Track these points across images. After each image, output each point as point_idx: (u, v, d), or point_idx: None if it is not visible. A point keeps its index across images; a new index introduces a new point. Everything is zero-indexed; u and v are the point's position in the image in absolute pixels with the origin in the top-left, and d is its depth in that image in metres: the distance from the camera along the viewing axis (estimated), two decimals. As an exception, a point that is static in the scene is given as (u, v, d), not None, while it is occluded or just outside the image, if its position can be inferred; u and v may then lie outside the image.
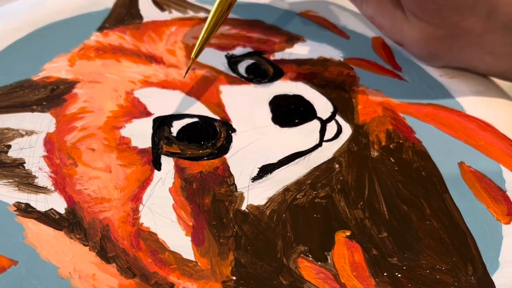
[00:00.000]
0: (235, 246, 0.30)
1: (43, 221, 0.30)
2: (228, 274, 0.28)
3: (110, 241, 0.29)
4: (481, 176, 0.35)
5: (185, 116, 0.36)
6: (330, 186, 0.33)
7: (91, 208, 0.31)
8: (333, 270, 0.29)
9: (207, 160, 0.34)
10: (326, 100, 0.39)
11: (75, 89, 0.38)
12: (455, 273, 0.30)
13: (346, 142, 0.36)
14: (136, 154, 0.34)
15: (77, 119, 0.35)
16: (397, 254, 0.30)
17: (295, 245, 0.30)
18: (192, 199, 0.32)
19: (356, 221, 0.32)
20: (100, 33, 0.43)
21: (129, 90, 0.38)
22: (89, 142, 0.34)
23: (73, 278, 0.27)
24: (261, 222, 0.31)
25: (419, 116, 0.39)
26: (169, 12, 0.46)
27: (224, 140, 0.35)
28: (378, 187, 0.33)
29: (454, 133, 0.38)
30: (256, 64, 0.42)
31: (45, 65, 0.39)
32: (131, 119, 0.36)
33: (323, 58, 0.43)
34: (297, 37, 0.45)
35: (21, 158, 0.33)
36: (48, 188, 0.31)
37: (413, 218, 0.32)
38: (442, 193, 0.34)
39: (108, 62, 0.40)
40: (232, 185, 0.33)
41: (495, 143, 0.37)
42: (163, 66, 0.40)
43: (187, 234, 0.30)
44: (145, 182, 0.32)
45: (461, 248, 0.31)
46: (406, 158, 0.35)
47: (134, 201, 0.31)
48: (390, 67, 0.43)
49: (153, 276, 0.28)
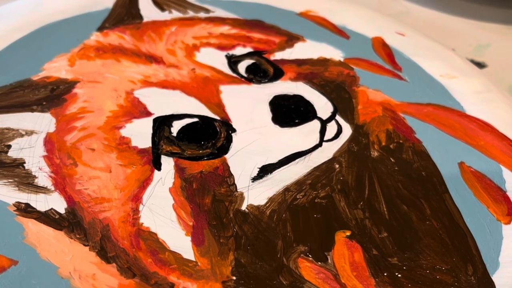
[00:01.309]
0: (235, 246, 0.30)
1: (43, 221, 0.30)
2: (228, 274, 0.28)
3: (110, 241, 0.29)
4: (481, 176, 0.35)
5: (185, 116, 0.36)
6: (330, 186, 0.33)
7: (91, 208, 0.31)
8: (333, 270, 0.29)
9: (207, 160, 0.34)
10: (326, 100, 0.39)
11: (75, 89, 0.38)
12: (455, 273, 0.30)
13: (346, 142, 0.36)
14: (136, 154, 0.34)
15: (77, 119, 0.35)
16: (397, 254, 0.30)
17: (295, 245, 0.30)
18: (192, 199, 0.32)
19: (356, 221, 0.32)
20: (100, 33, 0.43)
21: (129, 90, 0.38)
22: (89, 142, 0.34)
23: (73, 278, 0.27)
24: (261, 222, 0.31)
25: (419, 116, 0.39)
26: (169, 12, 0.46)
27: (224, 140, 0.35)
28: (378, 187, 0.33)
29: (454, 133, 0.38)
30: (256, 64, 0.42)
31: (45, 65, 0.39)
32: (131, 119, 0.36)
33: (323, 58, 0.43)
34: (297, 37, 0.45)
35: (21, 158, 0.33)
36: (48, 188, 0.31)
37: (413, 218, 0.32)
38: (442, 193, 0.34)
39: (108, 62, 0.40)
40: (232, 185, 0.33)
41: (495, 143, 0.37)
42: (163, 66, 0.40)
43: (187, 234, 0.30)
44: (145, 182, 0.32)
45: (461, 248, 0.31)
46: (406, 158, 0.35)
47: (134, 201, 0.31)
48: (390, 67, 0.43)
49: (153, 276, 0.28)
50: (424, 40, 0.46)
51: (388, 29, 0.47)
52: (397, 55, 0.44)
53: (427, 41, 0.46)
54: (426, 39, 0.47)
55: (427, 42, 0.46)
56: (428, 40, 0.47)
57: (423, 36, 0.47)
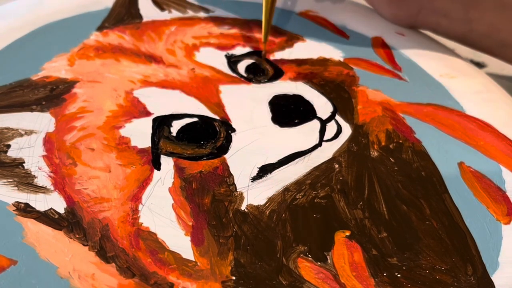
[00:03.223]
0: (234, 246, 0.30)
1: (43, 221, 0.30)
2: (227, 274, 0.28)
3: (110, 241, 0.29)
4: (480, 176, 0.35)
5: (185, 116, 0.36)
6: (330, 186, 0.33)
7: (90, 208, 0.31)
8: (332, 270, 0.29)
9: (207, 160, 0.34)
10: (325, 100, 0.39)
11: (74, 88, 0.38)
12: (455, 273, 0.29)
13: (345, 142, 0.36)
14: (136, 154, 0.34)
15: (77, 118, 0.35)
16: (396, 254, 0.30)
17: (295, 245, 0.30)
18: (191, 199, 0.32)
19: (355, 221, 0.32)
20: (100, 33, 0.43)
21: (129, 89, 0.38)
22: (88, 141, 0.34)
23: (72, 277, 0.27)
24: (260, 222, 0.31)
25: (419, 116, 0.39)
26: (168, 12, 0.46)
27: (224, 140, 0.35)
28: (377, 187, 0.33)
29: (454, 133, 0.38)
30: (255, 64, 0.42)
31: (44, 65, 0.39)
32: (131, 119, 0.36)
33: (323, 58, 0.43)
34: (297, 37, 0.45)
35: (20, 157, 0.33)
36: (48, 188, 0.31)
37: (412, 218, 0.32)
38: (441, 193, 0.34)
39: (108, 62, 0.40)
40: (231, 185, 0.33)
41: (495, 143, 0.37)
42: (162, 66, 0.40)
43: (186, 234, 0.30)
44: (144, 182, 0.32)
45: (461, 248, 0.31)
46: (406, 158, 0.35)
47: (133, 201, 0.31)
48: (390, 67, 0.43)
49: (152, 276, 0.28)
50: (424, 40, 0.46)
51: (388, 29, 0.47)
52: (397, 55, 0.44)
53: (427, 41, 0.46)
54: (426, 39, 0.47)
55: (427, 42, 0.46)
56: (428, 40, 0.47)
57: (423, 36, 0.47)
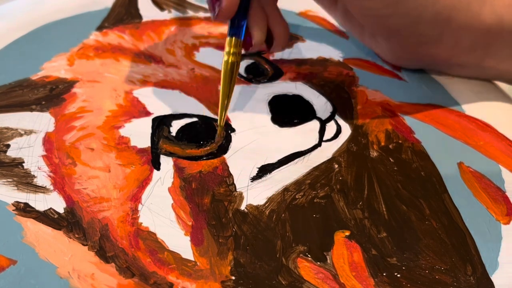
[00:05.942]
0: (234, 246, 0.30)
1: (42, 221, 0.30)
2: (227, 274, 0.28)
3: (109, 241, 0.29)
4: (480, 176, 0.35)
5: (184, 115, 0.36)
6: (330, 186, 0.33)
7: (90, 208, 0.31)
8: (332, 270, 0.29)
9: (206, 160, 0.34)
10: (325, 100, 0.39)
11: (74, 88, 0.38)
12: (454, 273, 0.30)
13: (345, 142, 0.36)
14: (135, 154, 0.34)
15: (76, 118, 0.35)
16: (396, 254, 0.30)
17: (294, 245, 0.30)
18: (191, 199, 0.32)
19: (355, 221, 0.32)
20: (99, 33, 0.43)
21: (128, 89, 0.38)
22: (88, 141, 0.34)
23: (71, 277, 0.27)
24: (260, 222, 0.31)
25: (418, 116, 0.39)
26: (168, 12, 0.46)
27: (223, 140, 0.35)
28: (377, 187, 0.33)
29: (453, 133, 0.38)
30: (255, 64, 0.42)
31: (44, 65, 0.39)
32: (130, 119, 0.36)
33: (322, 58, 0.43)
34: (297, 37, 0.45)
35: (20, 157, 0.33)
36: (47, 188, 0.31)
37: (412, 218, 0.32)
38: (441, 193, 0.34)
39: (107, 62, 0.40)
40: (231, 185, 0.33)
41: (494, 143, 0.37)
42: (162, 66, 0.40)
43: (186, 233, 0.30)
44: (144, 181, 0.32)
45: (460, 248, 0.31)
46: (406, 158, 0.35)
47: (133, 201, 0.31)
48: (389, 67, 0.43)
49: (152, 276, 0.28)
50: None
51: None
52: (397, 55, 0.44)
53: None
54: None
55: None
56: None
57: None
